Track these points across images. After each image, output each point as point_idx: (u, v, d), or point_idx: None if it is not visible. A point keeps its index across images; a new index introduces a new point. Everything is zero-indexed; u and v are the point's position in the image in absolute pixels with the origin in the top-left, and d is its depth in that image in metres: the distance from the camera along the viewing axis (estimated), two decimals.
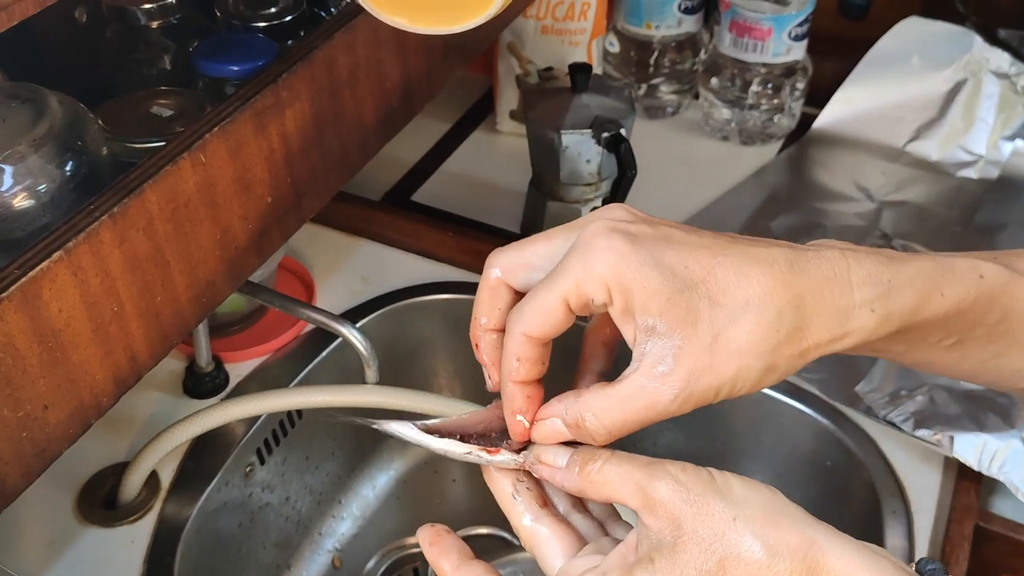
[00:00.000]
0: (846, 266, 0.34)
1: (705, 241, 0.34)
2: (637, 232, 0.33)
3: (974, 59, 0.88)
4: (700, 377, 0.33)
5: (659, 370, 0.33)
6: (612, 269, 0.33)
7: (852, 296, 0.34)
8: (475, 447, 0.35)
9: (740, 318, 0.32)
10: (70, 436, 0.41)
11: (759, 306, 0.33)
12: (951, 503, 0.60)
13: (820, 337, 0.34)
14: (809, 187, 0.87)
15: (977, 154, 0.87)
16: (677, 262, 0.33)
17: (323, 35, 0.50)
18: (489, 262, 0.37)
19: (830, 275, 0.34)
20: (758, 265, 0.33)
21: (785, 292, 0.33)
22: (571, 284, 0.33)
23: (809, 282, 0.33)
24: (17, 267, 0.37)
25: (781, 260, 0.34)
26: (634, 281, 0.32)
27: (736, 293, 0.33)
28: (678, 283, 0.32)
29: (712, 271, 0.33)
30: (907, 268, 0.35)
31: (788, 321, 0.33)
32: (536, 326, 0.34)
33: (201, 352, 0.66)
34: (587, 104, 0.73)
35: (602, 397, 0.34)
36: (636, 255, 0.33)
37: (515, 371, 0.35)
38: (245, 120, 0.46)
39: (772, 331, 0.33)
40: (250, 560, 0.67)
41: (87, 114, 0.45)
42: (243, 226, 0.48)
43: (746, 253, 0.34)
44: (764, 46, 0.86)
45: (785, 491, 0.75)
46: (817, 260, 0.34)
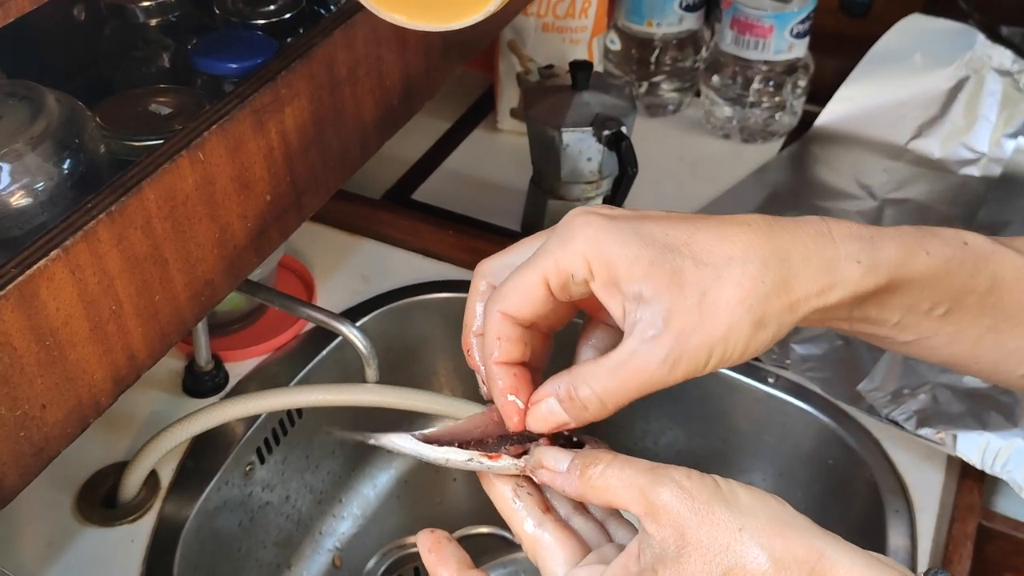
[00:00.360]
0: (826, 226, 0.35)
1: (683, 215, 0.35)
2: (615, 214, 0.34)
3: (976, 56, 0.88)
4: (690, 336, 0.32)
5: (649, 334, 0.32)
6: (591, 241, 0.33)
7: (836, 248, 0.34)
8: (476, 453, 0.35)
9: (724, 272, 0.32)
10: (68, 435, 0.41)
11: (743, 259, 0.33)
12: (954, 502, 0.60)
13: (808, 288, 0.33)
14: (811, 185, 0.87)
15: (980, 152, 0.87)
16: (657, 230, 0.33)
17: (322, 32, 0.50)
18: (477, 272, 0.37)
19: (811, 232, 0.34)
20: (736, 225, 0.34)
21: (767, 244, 0.33)
22: (550, 261, 0.33)
23: (791, 238, 0.34)
24: (14, 265, 0.37)
25: (759, 222, 0.34)
26: (614, 250, 0.33)
27: (718, 251, 0.33)
28: (659, 247, 0.33)
29: (692, 235, 0.33)
30: (888, 230, 0.36)
31: (774, 271, 0.33)
32: (515, 305, 0.34)
33: (200, 351, 0.66)
34: (588, 102, 0.73)
35: (593, 366, 0.34)
36: (614, 226, 0.33)
37: (496, 351, 0.35)
38: (244, 118, 0.46)
39: (758, 282, 0.33)
40: (250, 559, 0.67)
41: (85, 112, 0.45)
42: (242, 224, 0.48)
43: (723, 220, 0.34)
44: (766, 43, 0.86)
45: (787, 490, 0.76)
46: (796, 222, 0.35)
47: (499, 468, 0.35)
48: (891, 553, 0.59)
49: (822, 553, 0.31)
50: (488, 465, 0.35)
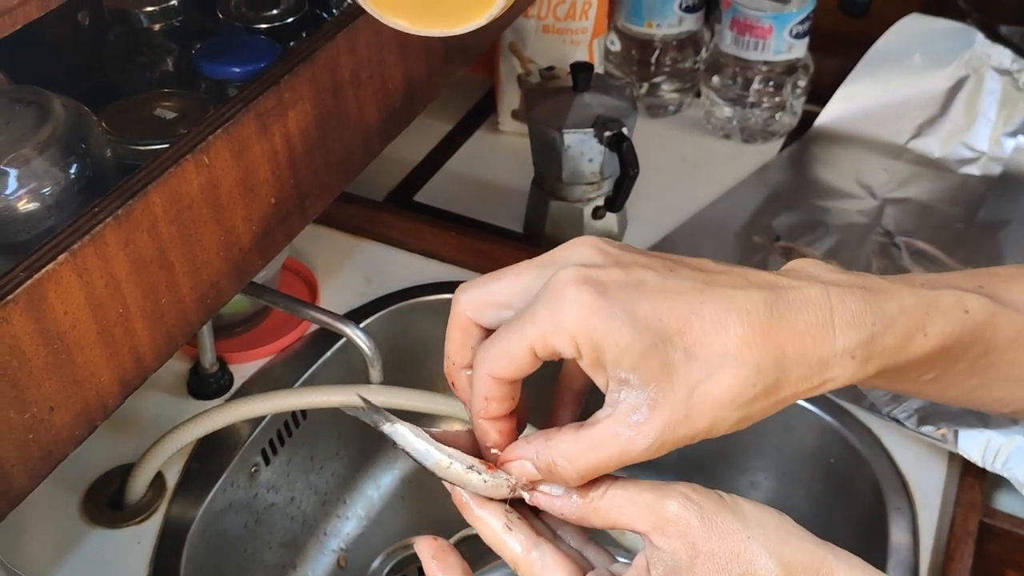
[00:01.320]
0: (829, 308, 0.33)
1: (681, 285, 0.32)
2: (608, 280, 0.32)
3: (976, 56, 0.88)
4: (676, 428, 0.32)
5: (633, 419, 0.32)
6: (581, 324, 0.31)
7: (834, 344, 0.33)
8: (477, 461, 0.34)
9: (717, 372, 0.32)
10: (76, 438, 0.42)
11: (736, 360, 0.32)
12: (955, 499, 0.60)
13: (798, 387, 0.33)
14: (811, 185, 0.87)
15: (979, 151, 0.87)
16: (651, 313, 0.32)
17: (325, 36, 0.50)
18: (456, 299, 0.36)
19: (812, 321, 0.33)
20: (736, 313, 0.32)
21: (764, 343, 0.32)
22: (538, 334, 0.32)
23: (790, 331, 0.32)
24: (23, 270, 0.38)
25: (760, 306, 0.32)
26: (605, 337, 0.31)
27: (713, 344, 0.32)
28: (652, 336, 0.31)
29: (688, 322, 0.32)
30: (891, 306, 0.34)
31: (766, 375, 0.32)
32: (501, 369, 0.34)
33: (206, 353, 0.66)
34: (589, 103, 0.73)
35: (573, 441, 0.33)
36: (607, 309, 0.31)
37: (484, 409, 0.35)
38: (248, 122, 0.46)
39: (749, 385, 0.32)
40: (255, 560, 0.68)
41: (91, 117, 0.46)
42: (247, 227, 0.48)
43: (724, 298, 0.32)
44: (765, 44, 0.86)
45: (789, 489, 0.76)
46: (799, 304, 0.33)
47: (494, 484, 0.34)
48: (893, 550, 0.59)
49: (825, 559, 0.32)
50: (485, 478, 0.34)
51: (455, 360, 0.36)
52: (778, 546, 0.32)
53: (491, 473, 0.34)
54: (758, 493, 0.74)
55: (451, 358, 0.36)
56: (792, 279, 0.34)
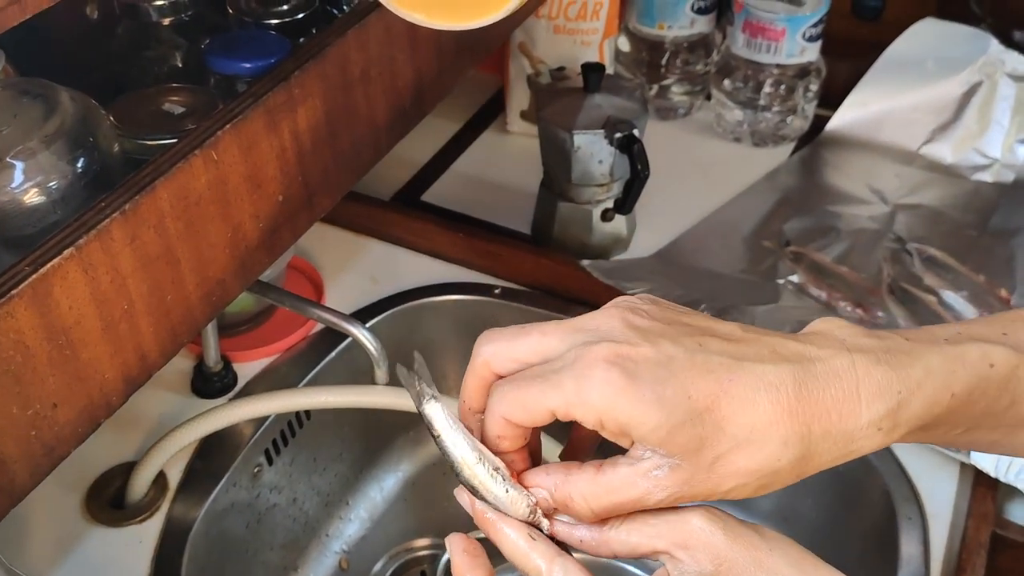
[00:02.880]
0: (855, 381, 0.33)
1: (710, 362, 0.33)
2: (637, 359, 0.32)
3: (989, 61, 0.87)
4: (694, 487, 0.33)
5: (654, 474, 0.32)
6: (607, 404, 0.32)
7: (860, 418, 0.33)
8: (503, 467, 0.34)
9: (744, 446, 0.32)
10: (79, 435, 0.41)
11: (764, 436, 0.32)
12: (967, 510, 0.59)
13: (822, 461, 0.33)
14: (822, 189, 0.87)
15: (992, 157, 0.86)
16: (680, 392, 0.32)
17: (336, 32, 0.50)
18: (478, 348, 0.36)
19: (839, 396, 0.33)
20: (765, 392, 0.32)
21: (791, 421, 0.32)
22: (561, 402, 0.33)
23: (817, 408, 0.33)
24: (28, 264, 0.37)
25: (789, 382, 0.33)
26: (632, 418, 0.32)
27: (742, 420, 0.32)
28: (680, 415, 0.32)
29: (717, 399, 0.32)
30: (916, 370, 0.34)
31: (792, 451, 0.32)
32: (517, 417, 0.34)
33: (210, 352, 0.66)
34: (600, 104, 0.73)
35: (591, 483, 0.33)
36: (635, 391, 0.32)
37: (496, 447, 0.35)
38: (257, 117, 0.46)
39: (774, 460, 0.32)
40: (257, 561, 0.67)
41: (99, 110, 0.45)
42: (254, 224, 0.48)
43: (752, 375, 0.33)
44: (778, 47, 0.86)
45: (799, 498, 0.75)
46: (826, 378, 0.33)
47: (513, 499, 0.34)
48: (904, 562, 0.58)
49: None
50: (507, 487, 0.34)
51: (471, 405, 0.37)
52: (799, 560, 0.32)
53: (513, 483, 0.34)
54: (766, 502, 0.73)
55: (467, 403, 0.37)
56: (818, 347, 0.34)
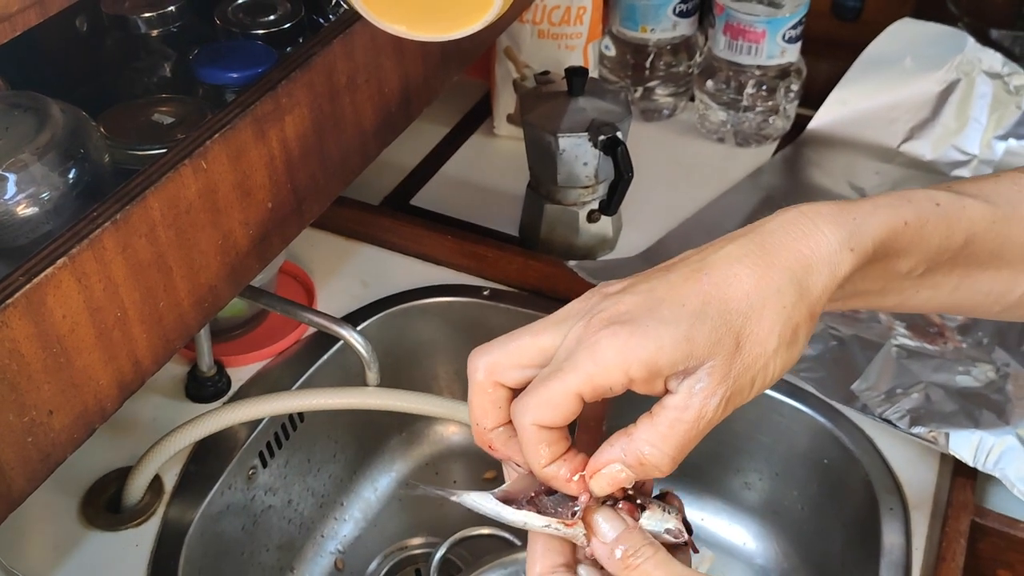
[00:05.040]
0: (808, 219, 0.36)
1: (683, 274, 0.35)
2: (626, 308, 0.34)
3: (967, 59, 0.88)
4: (740, 378, 0.34)
5: (698, 388, 0.34)
6: (624, 354, 0.33)
7: (830, 242, 0.36)
8: (554, 520, 0.35)
9: (751, 314, 0.34)
10: (75, 441, 0.42)
11: (760, 296, 0.35)
12: (947, 499, 0.60)
13: (819, 291, 0.36)
14: (805, 188, 0.88)
15: (971, 154, 0.88)
16: (675, 308, 0.34)
17: (322, 42, 0.51)
18: (473, 364, 0.37)
19: (799, 234, 0.36)
20: (738, 263, 0.35)
21: (773, 272, 0.35)
22: (583, 379, 0.34)
23: (787, 252, 0.36)
24: (22, 274, 0.38)
25: (752, 247, 0.36)
26: (651, 353, 0.33)
27: (736, 295, 0.34)
28: (685, 323, 0.34)
29: (707, 294, 0.34)
30: (864, 204, 0.37)
31: (789, 294, 0.35)
32: (548, 418, 0.35)
33: (203, 357, 0.67)
34: (584, 107, 0.74)
35: (650, 430, 0.34)
36: (640, 331, 0.34)
37: (544, 457, 0.35)
38: (245, 126, 0.47)
39: (780, 309, 0.35)
40: (253, 563, 0.68)
41: (89, 122, 0.46)
42: (244, 231, 0.49)
43: (722, 260, 0.35)
44: (758, 48, 0.87)
45: (782, 489, 0.76)
46: (781, 228, 0.36)
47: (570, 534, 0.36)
48: (886, 551, 0.60)
49: None
50: (563, 531, 0.36)
51: (484, 424, 0.37)
52: None
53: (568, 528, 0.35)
54: (752, 494, 0.74)
55: (479, 423, 0.37)
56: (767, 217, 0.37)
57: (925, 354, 0.68)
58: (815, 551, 0.70)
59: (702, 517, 0.75)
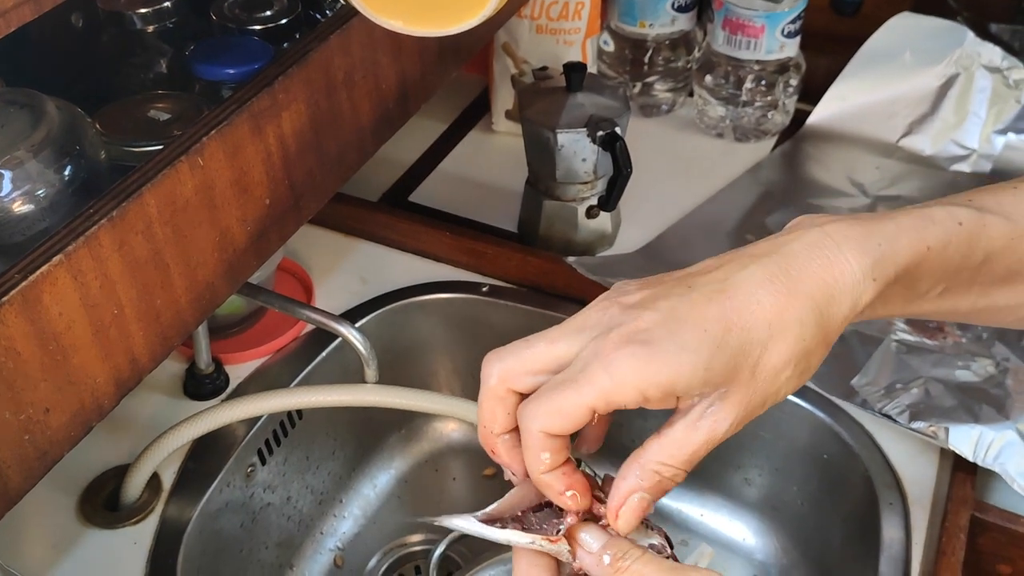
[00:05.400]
0: (834, 246, 0.36)
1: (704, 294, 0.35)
2: (646, 326, 0.34)
3: (966, 54, 0.88)
4: (751, 402, 0.35)
5: (709, 411, 0.34)
6: (641, 375, 0.34)
7: (854, 272, 0.36)
8: (538, 537, 0.36)
9: (769, 343, 0.35)
10: (72, 439, 0.42)
11: (781, 325, 0.35)
12: (947, 494, 0.60)
13: (838, 321, 0.36)
14: (804, 183, 0.88)
15: (970, 148, 0.88)
16: (696, 332, 0.34)
17: (318, 38, 0.51)
18: (488, 369, 0.37)
19: (825, 262, 0.36)
20: (761, 289, 0.35)
21: (796, 302, 0.35)
22: (598, 393, 0.34)
23: (811, 279, 0.35)
24: (18, 271, 0.38)
25: (776, 272, 0.35)
26: (668, 376, 0.34)
27: (757, 323, 0.34)
28: (706, 349, 0.34)
29: (728, 320, 0.34)
30: (888, 226, 0.37)
31: (810, 325, 0.35)
32: (557, 426, 0.35)
33: (201, 354, 0.67)
34: (582, 103, 0.74)
35: (661, 448, 0.35)
36: (660, 353, 0.34)
37: (544, 464, 0.35)
38: (242, 123, 0.46)
39: (799, 341, 0.35)
40: (252, 560, 0.68)
41: (85, 119, 0.46)
42: (241, 228, 0.48)
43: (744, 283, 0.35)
44: (757, 43, 0.87)
45: (782, 485, 0.76)
46: (805, 252, 0.36)
47: (554, 550, 0.36)
48: (885, 545, 0.60)
49: None
50: (547, 548, 0.36)
51: (492, 428, 0.37)
52: None
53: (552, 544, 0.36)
54: (752, 490, 0.74)
55: (487, 426, 0.37)
56: (788, 233, 0.37)
57: (925, 349, 0.68)
58: (815, 546, 0.70)
59: (702, 513, 0.75)
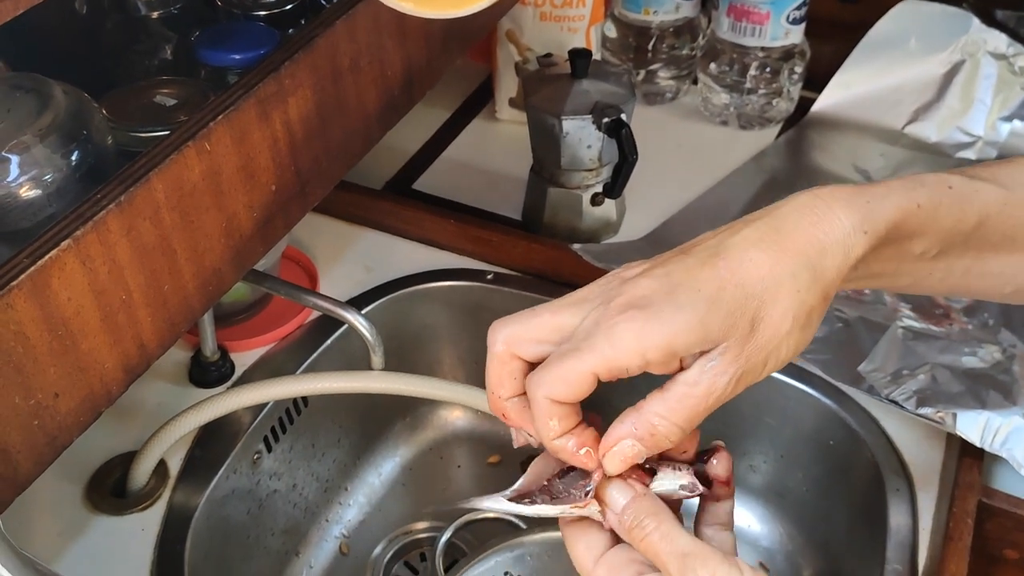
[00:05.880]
0: (823, 203, 0.37)
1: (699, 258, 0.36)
2: (644, 293, 0.35)
3: (971, 40, 0.88)
4: (752, 358, 0.35)
5: (709, 366, 0.35)
6: (642, 339, 0.34)
7: (843, 226, 0.36)
8: (567, 507, 0.36)
9: (765, 298, 0.35)
10: (81, 424, 0.42)
11: (775, 280, 0.35)
12: (954, 480, 0.60)
13: (832, 275, 0.36)
14: (808, 170, 0.87)
15: (975, 135, 0.87)
16: (691, 293, 0.35)
17: (324, 23, 0.50)
18: (493, 336, 0.37)
19: (814, 218, 0.36)
20: (753, 248, 0.36)
21: (787, 255, 0.36)
22: (600, 359, 0.35)
23: (802, 235, 0.36)
24: (27, 255, 0.38)
25: (766, 231, 0.36)
26: (667, 336, 0.34)
27: (751, 280, 0.35)
28: (702, 307, 0.34)
29: (722, 279, 0.35)
30: (877, 187, 0.38)
31: (803, 278, 0.35)
32: (562, 393, 0.36)
33: (207, 342, 0.66)
34: (587, 90, 0.73)
35: (662, 400, 0.35)
36: (657, 315, 0.34)
37: (553, 430, 0.36)
38: (249, 108, 0.46)
39: (795, 293, 0.35)
40: (259, 547, 0.68)
41: (91, 104, 0.46)
42: (248, 214, 0.48)
43: (737, 244, 0.36)
44: (762, 30, 0.86)
45: (788, 472, 0.76)
46: (795, 212, 0.36)
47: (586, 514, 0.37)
48: (892, 532, 0.60)
49: None
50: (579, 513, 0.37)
51: (499, 393, 0.38)
52: None
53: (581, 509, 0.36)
54: (757, 476, 0.74)
55: (495, 392, 0.38)
56: (781, 200, 0.38)
57: (931, 335, 0.68)
58: (820, 533, 0.70)
59: None
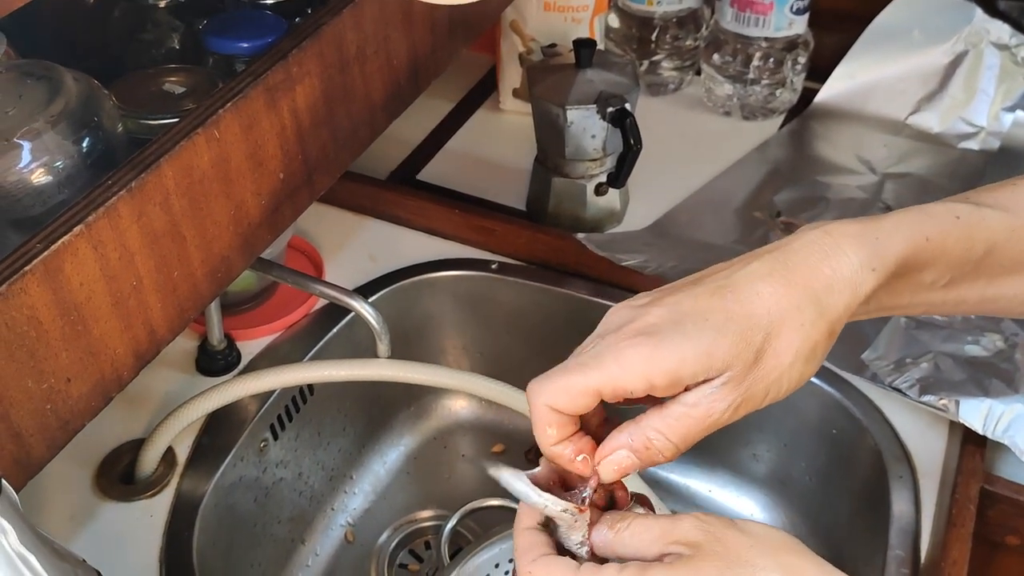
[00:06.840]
0: (832, 240, 0.37)
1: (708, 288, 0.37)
2: (654, 321, 0.36)
3: (974, 31, 0.88)
4: (753, 388, 0.36)
5: (709, 392, 0.35)
6: (648, 363, 0.35)
7: (851, 263, 0.37)
8: (570, 506, 0.37)
9: (771, 331, 0.36)
10: (92, 409, 0.42)
11: (780, 314, 0.36)
12: (956, 467, 0.61)
13: (839, 310, 0.37)
14: (812, 161, 0.88)
15: (978, 125, 0.87)
16: (698, 323, 0.35)
17: (331, 12, 0.51)
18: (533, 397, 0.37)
19: (822, 255, 0.37)
20: (761, 282, 0.36)
21: (794, 291, 0.36)
22: (606, 378, 0.35)
23: (809, 270, 0.37)
24: (39, 241, 0.38)
25: (776, 266, 0.37)
26: (673, 364, 0.35)
27: (758, 312, 0.36)
28: (707, 337, 0.35)
29: (729, 311, 0.36)
30: (886, 222, 0.38)
31: (809, 313, 0.36)
32: (562, 403, 0.36)
33: (213, 330, 0.67)
34: (592, 80, 0.74)
35: (661, 417, 0.36)
36: (664, 343, 0.35)
37: (550, 437, 0.37)
38: (257, 96, 0.47)
39: (799, 327, 0.36)
40: (265, 535, 0.68)
41: (102, 91, 0.46)
42: (256, 202, 0.49)
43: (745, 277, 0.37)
44: (766, 20, 0.87)
45: (792, 460, 0.76)
46: (804, 248, 0.37)
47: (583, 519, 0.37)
48: (895, 518, 0.60)
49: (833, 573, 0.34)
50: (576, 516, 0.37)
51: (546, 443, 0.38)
52: (781, 554, 0.34)
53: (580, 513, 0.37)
54: (760, 465, 0.75)
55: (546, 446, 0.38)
56: (790, 236, 0.38)
57: (934, 324, 0.69)
58: (823, 521, 0.71)
59: (710, 489, 0.76)
